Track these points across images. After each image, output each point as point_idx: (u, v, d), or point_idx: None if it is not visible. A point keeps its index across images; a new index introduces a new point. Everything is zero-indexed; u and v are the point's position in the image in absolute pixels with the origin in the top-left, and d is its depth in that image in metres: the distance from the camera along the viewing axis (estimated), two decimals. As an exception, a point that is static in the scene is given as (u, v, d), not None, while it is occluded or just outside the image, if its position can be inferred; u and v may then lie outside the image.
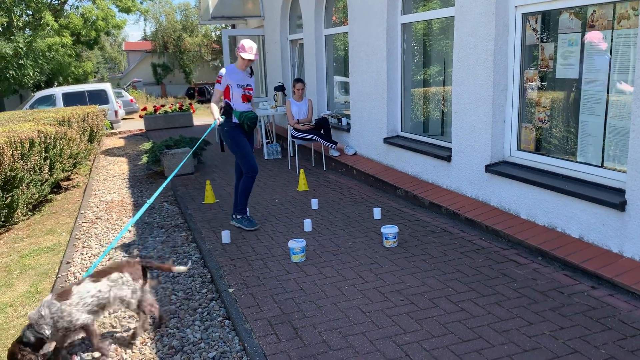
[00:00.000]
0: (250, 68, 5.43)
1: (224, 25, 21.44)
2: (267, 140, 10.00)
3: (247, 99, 5.34)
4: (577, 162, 4.44)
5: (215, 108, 5.23)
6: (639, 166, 3.66)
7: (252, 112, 5.38)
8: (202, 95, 32.01)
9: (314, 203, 6.05)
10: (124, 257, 4.99)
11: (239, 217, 5.46)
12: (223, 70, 5.31)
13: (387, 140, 7.04)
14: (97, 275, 3.23)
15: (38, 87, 21.51)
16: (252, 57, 5.18)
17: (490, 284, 3.80)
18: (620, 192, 3.91)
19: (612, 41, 4.00)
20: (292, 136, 8.22)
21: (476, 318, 3.33)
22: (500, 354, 2.91)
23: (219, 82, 5.28)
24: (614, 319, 3.24)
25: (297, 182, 7.37)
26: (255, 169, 5.33)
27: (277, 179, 7.70)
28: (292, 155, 9.04)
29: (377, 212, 5.52)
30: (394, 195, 6.43)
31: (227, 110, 5.27)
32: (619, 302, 3.45)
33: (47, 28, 21.62)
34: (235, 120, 5.27)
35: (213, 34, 39.98)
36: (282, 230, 5.32)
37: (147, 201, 3.82)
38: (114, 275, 3.26)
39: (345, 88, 9.03)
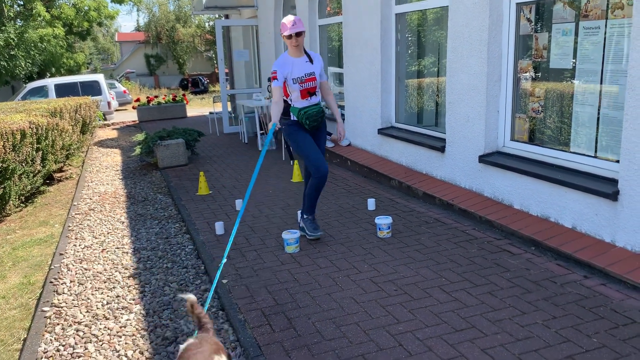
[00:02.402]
0: (307, 54, 4.49)
1: (217, 16, 21.31)
2: (262, 132, 9.97)
3: (308, 93, 4.45)
4: (570, 152, 4.45)
5: (275, 110, 4.33)
6: (631, 156, 3.67)
7: (314, 107, 4.46)
8: (195, 86, 31.86)
9: (308, 194, 6.04)
10: (117, 248, 4.97)
11: (304, 216, 4.67)
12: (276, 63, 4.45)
13: (381, 131, 7.03)
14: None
15: (30, 79, 21.34)
16: (288, 31, 4.29)
17: (483, 274, 3.82)
18: (613, 181, 3.92)
19: (605, 31, 3.99)
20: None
21: (469, 308, 3.34)
22: (493, 343, 2.93)
23: (274, 78, 4.36)
24: (606, 308, 3.25)
25: (292, 173, 7.36)
26: (322, 170, 4.39)
27: (272, 170, 7.68)
28: (286, 146, 9.02)
29: (371, 203, 5.52)
30: (388, 186, 6.43)
31: (284, 109, 4.48)
32: (611, 291, 3.47)
33: (39, 18, 21.41)
34: (293, 117, 4.48)
35: (206, 24, 39.73)
36: (276, 221, 5.31)
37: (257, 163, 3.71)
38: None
39: (340, 79, 8.99)
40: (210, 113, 12.73)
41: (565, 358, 2.76)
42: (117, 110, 19.55)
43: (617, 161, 3.97)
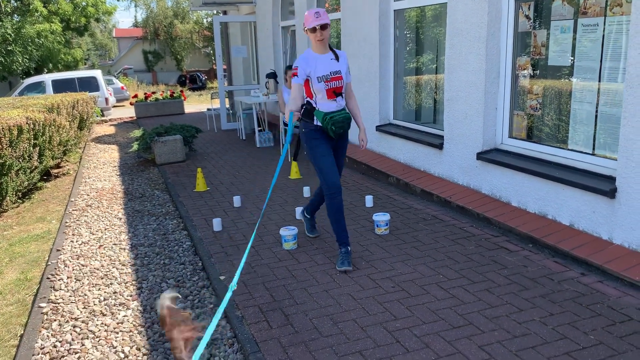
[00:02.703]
0: (333, 51, 4.01)
1: (215, 12, 21.25)
2: (259, 128, 9.95)
3: (334, 93, 3.97)
4: (568, 149, 4.45)
5: (292, 104, 4.00)
6: (629, 153, 3.67)
7: (341, 113, 3.98)
8: (193, 82, 31.80)
9: (306, 191, 6.03)
10: (115, 244, 4.97)
11: (342, 249, 4.06)
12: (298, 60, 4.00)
13: (379, 128, 7.02)
14: None
15: (27, 74, 21.25)
16: (312, 23, 3.82)
17: (480, 271, 3.82)
18: (611, 179, 3.92)
19: (604, 28, 3.99)
20: (285, 124, 8.18)
21: (467, 305, 3.35)
22: (490, 340, 2.93)
23: (295, 74, 3.94)
24: (603, 306, 3.26)
25: (290, 170, 7.35)
26: (334, 186, 3.96)
27: (269, 167, 7.67)
28: (284, 143, 9.01)
29: (369, 200, 5.52)
30: (386, 183, 6.43)
31: (307, 110, 4.01)
32: (608, 288, 3.47)
33: (36, 14, 21.32)
34: (317, 122, 4.00)
35: (205, 20, 39.61)
36: (274, 217, 5.30)
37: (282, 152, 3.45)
38: None
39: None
40: (208, 109, 12.72)
41: (562, 355, 2.76)
42: (114, 106, 19.50)
43: (615, 159, 3.97)
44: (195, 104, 20.52)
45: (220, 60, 11.59)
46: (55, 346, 3.26)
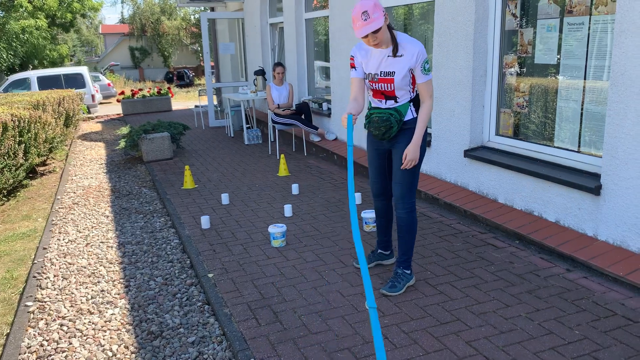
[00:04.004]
0: (394, 44, 3.23)
1: (202, 8, 21.13)
2: (248, 126, 9.93)
3: (382, 95, 3.40)
4: (554, 147, 4.49)
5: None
6: (613, 151, 3.72)
7: (382, 113, 3.40)
8: (181, 79, 31.59)
9: (295, 188, 6.03)
10: (102, 243, 4.94)
11: (407, 272, 3.60)
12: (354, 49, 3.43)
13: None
14: None
15: (12, 71, 21.00)
16: (357, 34, 3.09)
17: (468, 268, 3.85)
18: (596, 176, 3.97)
19: (589, 27, 4.03)
20: (273, 121, 8.17)
21: (454, 301, 3.37)
22: (477, 336, 2.96)
23: (352, 66, 3.42)
24: (588, 301, 3.30)
25: (278, 168, 7.35)
26: (376, 196, 3.72)
27: (258, 164, 7.66)
28: (272, 140, 9.00)
29: (357, 197, 5.53)
30: (374, 180, 6.44)
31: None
32: (593, 284, 3.52)
33: (21, 9, 21.07)
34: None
35: (192, 17, 39.38)
36: (262, 215, 5.30)
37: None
38: None
39: (326, 73, 8.98)
40: (196, 106, 12.65)
41: (548, 349, 2.80)
42: (101, 103, 19.33)
43: (600, 156, 4.02)
44: (182, 101, 20.40)
45: (208, 57, 11.54)
46: (42, 345, 3.24)
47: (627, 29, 3.52)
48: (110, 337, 3.29)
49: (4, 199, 6.70)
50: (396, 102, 3.39)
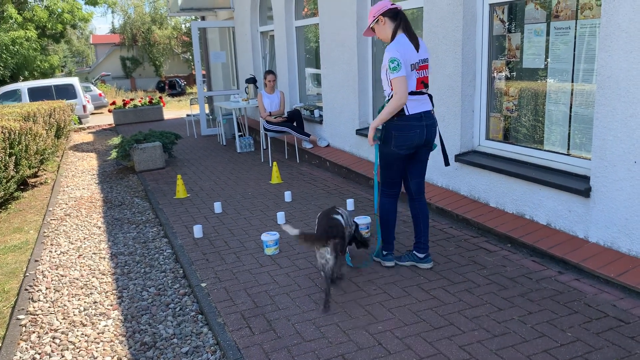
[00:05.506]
0: (415, 38, 3.58)
1: (193, 17, 21.16)
2: (240, 134, 9.93)
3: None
4: (544, 150, 4.52)
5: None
6: (602, 153, 3.75)
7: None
8: (172, 88, 31.57)
9: (287, 195, 6.03)
10: (94, 254, 4.91)
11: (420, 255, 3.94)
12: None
13: (359, 132, 7.06)
14: None
15: (2, 82, 20.89)
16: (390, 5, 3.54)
17: (460, 272, 3.86)
18: (586, 178, 4.00)
19: (576, 31, 4.07)
20: (265, 129, 8.18)
21: (447, 305, 3.38)
22: (470, 340, 2.96)
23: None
24: (579, 303, 3.32)
25: (270, 175, 7.35)
26: (397, 193, 3.87)
27: (250, 172, 7.66)
28: (264, 148, 9.00)
29: (350, 204, 5.54)
30: (367, 186, 6.46)
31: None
32: (585, 286, 3.54)
33: (10, 21, 20.99)
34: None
35: (183, 26, 39.40)
36: (255, 223, 5.30)
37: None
38: None
39: (317, 80, 9.01)
40: (188, 115, 12.64)
41: (541, 352, 2.81)
42: (92, 113, 19.26)
43: (589, 159, 4.05)
44: (174, 110, 20.37)
45: (199, 66, 11.55)
46: (34, 358, 3.22)
47: (612, 32, 3.56)
48: (104, 349, 3.27)
49: (-5, 211, 6.66)
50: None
